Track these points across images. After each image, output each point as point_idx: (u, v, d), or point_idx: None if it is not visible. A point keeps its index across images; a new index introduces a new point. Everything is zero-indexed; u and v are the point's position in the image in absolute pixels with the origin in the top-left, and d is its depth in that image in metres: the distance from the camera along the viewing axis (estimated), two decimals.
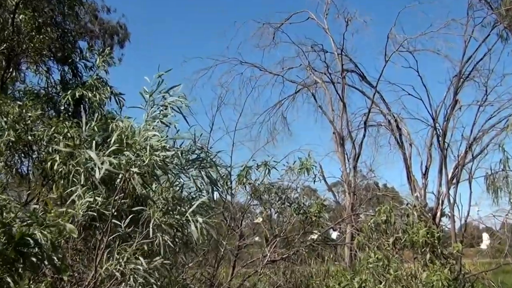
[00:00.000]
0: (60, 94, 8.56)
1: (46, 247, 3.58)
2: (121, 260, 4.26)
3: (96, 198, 4.89)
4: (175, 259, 5.41)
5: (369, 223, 8.55)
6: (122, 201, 4.82)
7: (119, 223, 5.01)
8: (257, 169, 9.84)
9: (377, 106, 22.40)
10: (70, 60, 9.17)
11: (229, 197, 10.44)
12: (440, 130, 21.06)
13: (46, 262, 3.60)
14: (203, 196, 5.12)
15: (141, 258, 4.26)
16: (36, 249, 3.52)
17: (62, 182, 5.54)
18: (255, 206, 11.64)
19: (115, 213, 4.83)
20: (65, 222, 3.94)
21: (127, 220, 5.08)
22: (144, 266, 4.20)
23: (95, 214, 4.95)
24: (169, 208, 4.66)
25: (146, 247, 4.64)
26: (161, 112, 4.76)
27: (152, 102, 4.75)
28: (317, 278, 10.23)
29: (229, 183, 9.64)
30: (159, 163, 4.25)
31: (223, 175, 6.01)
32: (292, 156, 11.90)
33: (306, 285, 11.69)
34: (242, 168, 9.88)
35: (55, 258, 3.65)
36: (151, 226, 4.48)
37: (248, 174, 9.85)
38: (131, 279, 4.16)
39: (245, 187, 10.15)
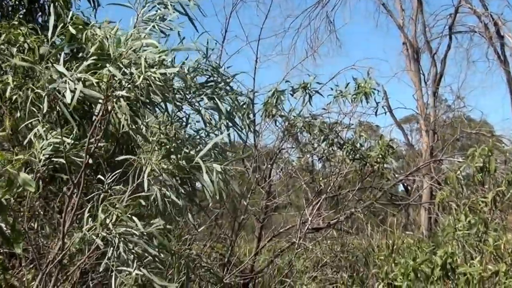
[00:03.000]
0: None
1: None
2: (107, 221, 4.26)
3: (64, 139, 4.88)
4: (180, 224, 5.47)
5: (458, 173, 8.50)
6: (101, 141, 4.82)
7: (102, 178, 5.03)
8: (292, 95, 9.79)
9: (468, 3, 21.99)
10: None
11: (251, 137, 10.45)
12: None
13: None
14: (217, 135, 5.10)
15: (136, 219, 4.26)
16: None
17: (18, 115, 5.55)
18: (290, 150, 11.69)
19: (90, 160, 4.82)
20: (16, 170, 3.93)
21: (108, 171, 5.11)
22: (141, 229, 4.21)
23: (63, 161, 4.95)
24: (171, 150, 4.64)
25: (142, 204, 4.65)
26: (158, 12, 4.69)
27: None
28: (381, 252, 10.31)
29: (251, 116, 9.60)
30: (158, 84, 4.19)
31: (243, 104, 5.97)
32: (343, 77, 11.79)
33: (364, 263, 11.85)
34: (270, 93, 9.81)
35: (2, 223, 3.67)
36: (145, 175, 4.46)
37: (280, 102, 9.79)
38: (121, 247, 4.18)
39: (275, 121, 10.14)
